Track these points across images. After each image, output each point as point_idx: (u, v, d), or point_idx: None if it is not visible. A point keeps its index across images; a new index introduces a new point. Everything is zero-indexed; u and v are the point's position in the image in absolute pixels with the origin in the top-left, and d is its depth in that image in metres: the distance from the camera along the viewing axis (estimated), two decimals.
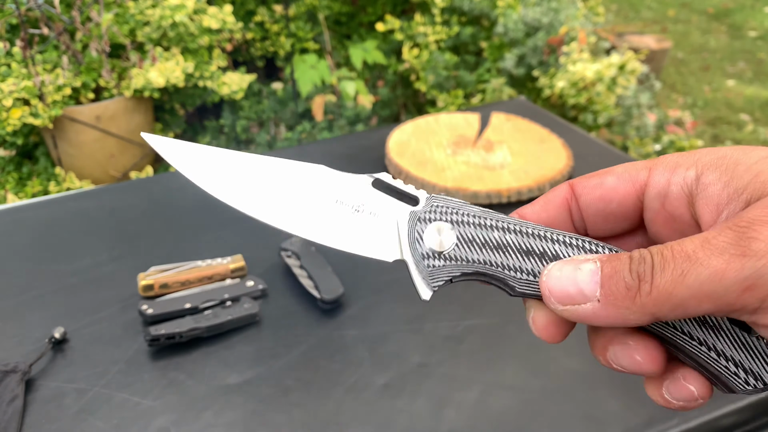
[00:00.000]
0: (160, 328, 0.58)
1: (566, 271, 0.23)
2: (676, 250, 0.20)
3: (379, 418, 0.53)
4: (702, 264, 0.19)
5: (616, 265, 0.21)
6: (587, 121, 1.97)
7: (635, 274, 0.21)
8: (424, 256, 0.25)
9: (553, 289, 0.23)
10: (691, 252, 0.20)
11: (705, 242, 0.20)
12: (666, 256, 0.20)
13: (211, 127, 2.30)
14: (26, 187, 1.90)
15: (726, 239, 0.19)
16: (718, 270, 0.19)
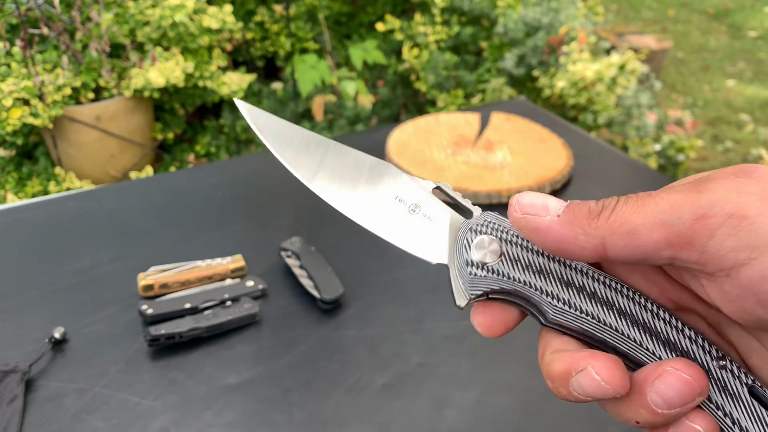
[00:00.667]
0: (160, 328, 0.58)
1: (545, 198, 0.24)
2: (641, 194, 0.22)
3: (379, 418, 0.53)
4: (662, 198, 0.21)
5: (587, 202, 0.23)
6: (587, 121, 1.97)
7: (601, 204, 0.22)
8: (469, 263, 0.26)
9: (522, 198, 0.24)
10: (654, 193, 0.21)
11: (668, 187, 0.22)
12: (631, 196, 0.22)
13: (211, 127, 2.30)
14: (26, 187, 1.90)
15: (687, 185, 0.21)
16: (675, 201, 0.20)
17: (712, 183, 0.20)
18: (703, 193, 0.20)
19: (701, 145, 2.34)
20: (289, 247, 0.68)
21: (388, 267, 0.70)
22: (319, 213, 0.81)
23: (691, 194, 0.20)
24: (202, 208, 0.81)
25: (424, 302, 0.66)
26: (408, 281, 0.68)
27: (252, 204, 0.82)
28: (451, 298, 0.27)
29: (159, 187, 0.86)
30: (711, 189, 0.20)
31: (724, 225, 0.20)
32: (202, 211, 0.80)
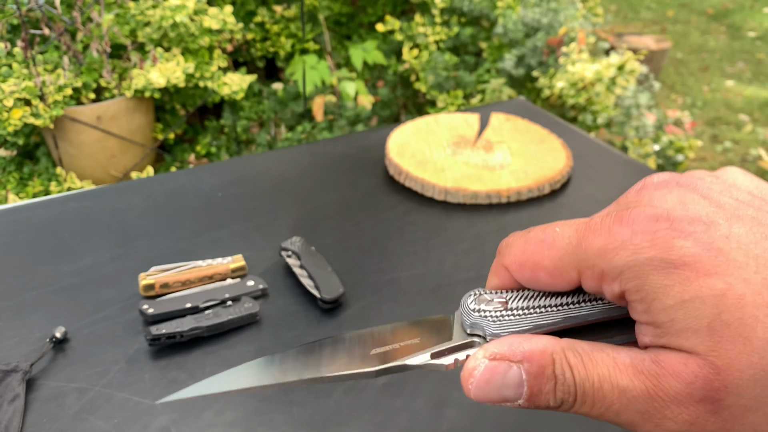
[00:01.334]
0: (160, 327, 0.58)
1: (495, 381, 0.23)
2: (596, 385, 0.22)
3: (378, 418, 0.53)
4: (620, 414, 0.22)
5: (542, 385, 0.23)
6: (586, 121, 1.98)
7: (559, 399, 0.23)
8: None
9: (479, 395, 0.24)
10: (610, 400, 0.22)
11: (628, 399, 0.22)
12: (587, 392, 0.22)
13: (212, 128, 2.30)
14: (27, 187, 1.91)
15: (646, 406, 0.21)
16: (632, 423, 0.22)
17: (671, 417, 0.21)
18: (660, 428, 0.22)
19: (700, 145, 2.35)
20: (289, 247, 0.69)
21: (388, 267, 0.71)
22: (319, 213, 0.81)
23: (648, 425, 0.22)
24: (202, 208, 0.81)
25: (424, 302, 0.66)
26: (408, 281, 0.69)
27: (252, 204, 0.82)
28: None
29: (160, 187, 0.87)
30: (667, 427, 0.21)
31: None
32: (203, 211, 0.80)
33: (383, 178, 0.88)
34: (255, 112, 2.31)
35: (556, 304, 0.25)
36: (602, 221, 0.22)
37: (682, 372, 0.20)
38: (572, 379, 0.22)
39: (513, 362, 0.23)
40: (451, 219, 0.80)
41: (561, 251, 0.23)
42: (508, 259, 0.25)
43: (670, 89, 3.13)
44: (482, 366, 0.24)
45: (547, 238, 0.24)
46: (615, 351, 0.22)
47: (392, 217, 0.80)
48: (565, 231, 0.23)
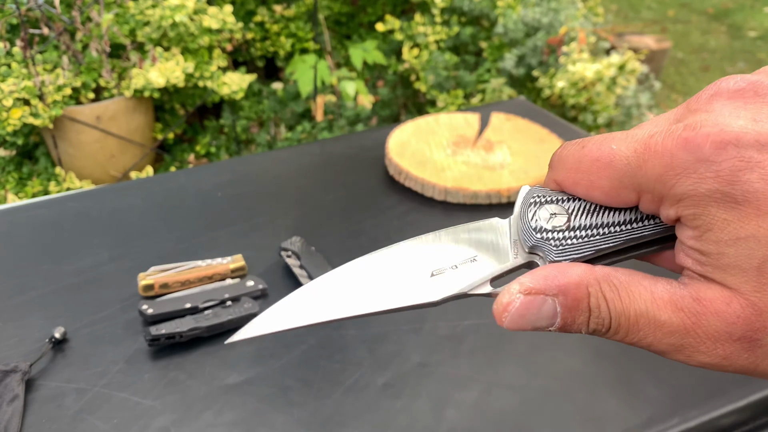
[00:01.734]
0: (160, 327, 0.58)
1: (530, 313, 0.23)
2: (632, 319, 0.21)
3: (378, 418, 0.53)
4: (651, 345, 0.22)
5: (576, 317, 0.22)
6: (587, 121, 1.97)
7: (591, 330, 0.22)
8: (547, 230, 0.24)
9: (513, 326, 0.23)
10: (644, 333, 0.22)
11: (658, 328, 0.21)
12: (622, 324, 0.22)
13: (211, 127, 2.30)
14: (26, 187, 1.91)
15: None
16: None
17: (714, 350, 0.21)
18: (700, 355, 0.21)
19: None
20: (289, 247, 0.68)
21: None
22: (319, 213, 0.81)
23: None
24: (202, 208, 0.81)
25: None
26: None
27: (252, 204, 0.82)
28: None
29: (159, 187, 0.87)
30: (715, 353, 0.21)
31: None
32: (202, 211, 0.80)
33: (383, 178, 0.88)
34: (255, 112, 2.31)
35: (618, 222, 0.23)
36: (664, 142, 0.21)
37: (724, 312, 0.20)
38: (607, 312, 0.22)
39: (548, 296, 0.22)
40: (451, 219, 0.80)
41: (619, 172, 0.22)
42: (561, 175, 0.24)
43: (670, 89, 3.13)
44: (517, 302, 0.23)
45: (603, 157, 0.22)
46: (653, 284, 0.22)
47: (392, 217, 0.80)
48: (623, 150, 0.22)
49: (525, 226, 0.25)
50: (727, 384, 0.56)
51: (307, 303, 0.26)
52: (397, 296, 0.25)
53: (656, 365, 0.58)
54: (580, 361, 0.59)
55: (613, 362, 0.59)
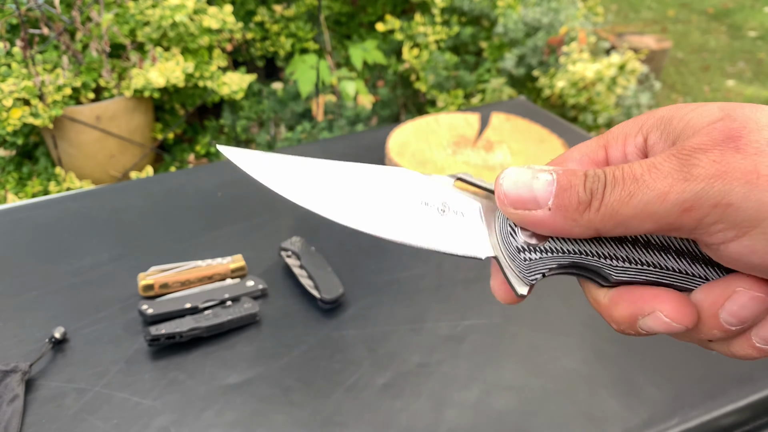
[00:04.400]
0: (160, 327, 0.58)
1: (523, 177, 0.23)
2: (627, 172, 0.22)
3: (378, 418, 0.53)
4: (648, 186, 0.21)
5: (572, 180, 0.23)
6: (587, 121, 1.97)
7: (588, 190, 0.22)
8: (520, 249, 0.25)
9: (509, 192, 0.23)
10: (639, 175, 0.22)
11: (652, 167, 0.21)
12: (617, 177, 0.22)
13: (211, 127, 2.30)
14: (26, 187, 1.90)
15: (671, 165, 0.21)
16: (661, 192, 0.21)
17: (698, 164, 0.21)
18: (689, 182, 0.21)
19: None
20: (289, 247, 0.68)
21: (388, 267, 0.71)
22: None
23: (677, 182, 0.21)
24: (202, 208, 0.81)
25: (424, 302, 0.66)
26: (408, 281, 0.68)
27: (252, 204, 0.82)
28: (510, 288, 0.25)
29: (159, 187, 0.87)
30: (696, 176, 0.21)
31: (709, 214, 0.21)
32: (202, 211, 0.80)
33: None
34: (255, 112, 2.31)
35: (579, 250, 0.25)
36: None
37: (704, 129, 0.21)
38: (602, 172, 0.23)
39: (549, 171, 0.24)
40: None
41: (592, 140, 0.26)
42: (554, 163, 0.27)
43: (670, 89, 3.13)
44: (517, 168, 0.24)
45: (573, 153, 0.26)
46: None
47: None
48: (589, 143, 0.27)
49: (510, 245, 0.25)
50: (727, 384, 0.56)
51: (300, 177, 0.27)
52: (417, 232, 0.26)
53: (656, 365, 0.58)
54: (580, 361, 0.59)
55: (613, 362, 0.59)
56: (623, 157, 0.25)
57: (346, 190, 0.27)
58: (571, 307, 0.65)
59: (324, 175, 0.27)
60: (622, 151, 0.25)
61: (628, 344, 0.61)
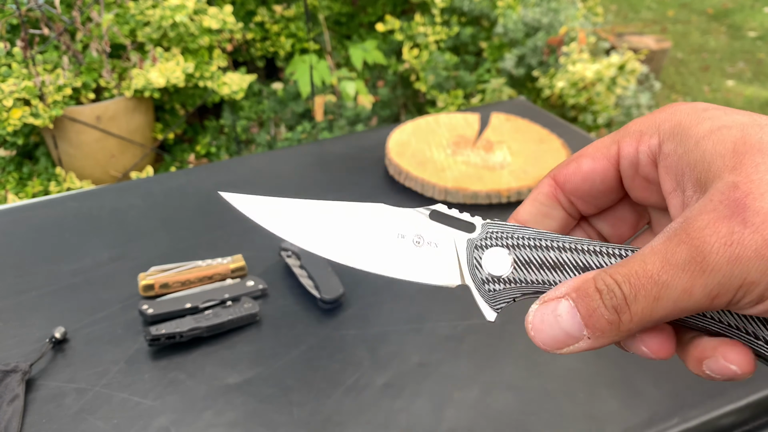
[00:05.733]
0: (160, 327, 0.58)
1: (548, 319, 0.24)
2: (641, 274, 0.22)
3: (379, 418, 0.53)
4: (669, 286, 0.21)
5: (590, 303, 0.23)
6: (587, 121, 1.97)
7: (611, 309, 0.22)
8: (485, 281, 0.26)
9: (546, 341, 0.25)
10: (656, 275, 0.21)
11: (666, 263, 0.21)
12: (634, 285, 0.22)
13: (211, 127, 2.30)
14: (27, 187, 1.91)
15: (684, 256, 0.21)
16: (685, 289, 0.21)
17: (711, 251, 0.21)
18: (708, 274, 0.21)
19: None
20: (289, 247, 0.68)
21: None
22: None
23: (697, 276, 0.21)
24: (202, 208, 0.81)
25: (424, 302, 0.66)
26: (408, 281, 0.68)
27: None
28: (480, 313, 0.27)
29: (159, 187, 0.87)
30: (713, 266, 0.21)
31: (736, 294, 0.21)
32: (203, 211, 0.80)
33: (383, 178, 0.88)
34: (255, 112, 2.31)
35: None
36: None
37: (707, 206, 0.21)
38: (615, 283, 0.23)
39: (560, 298, 0.24)
40: None
41: (606, 137, 0.26)
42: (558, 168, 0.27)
43: (670, 89, 3.13)
44: (532, 311, 0.25)
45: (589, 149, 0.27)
46: (641, 248, 0.23)
47: None
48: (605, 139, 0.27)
49: (476, 276, 0.27)
50: (727, 384, 0.56)
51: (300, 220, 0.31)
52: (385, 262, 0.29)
53: (656, 365, 0.58)
54: (580, 361, 0.59)
55: (613, 362, 0.59)
56: (635, 154, 0.26)
57: (328, 228, 0.30)
58: None
59: (309, 215, 0.31)
60: (635, 148, 0.25)
61: None
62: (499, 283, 0.26)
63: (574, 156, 0.27)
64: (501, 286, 0.26)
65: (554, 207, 0.28)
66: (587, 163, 0.27)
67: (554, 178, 0.28)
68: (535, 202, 0.28)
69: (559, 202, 0.28)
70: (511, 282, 0.26)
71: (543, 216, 0.28)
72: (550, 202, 0.28)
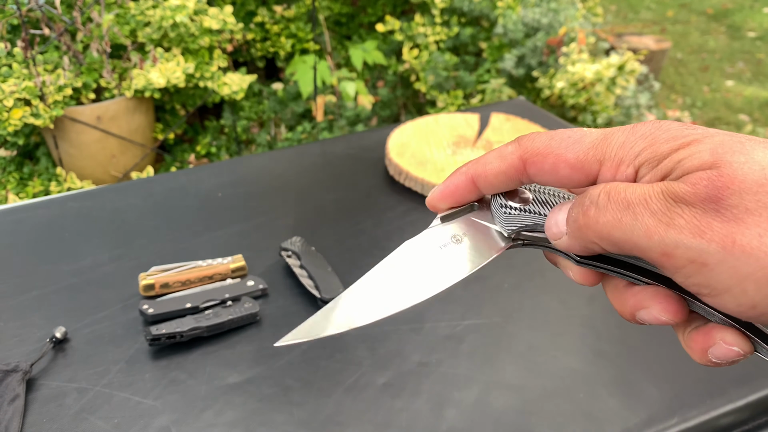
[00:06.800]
0: (160, 327, 0.58)
1: (557, 214, 0.27)
2: (621, 195, 0.23)
3: (378, 418, 0.53)
4: (636, 218, 0.22)
5: (575, 203, 0.25)
6: (586, 121, 1.98)
7: (584, 208, 0.24)
8: (503, 206, 0.29)
9: (551, 226, 0.27)
10: (631, 203, 0.23)
11: (643, 200, 0.23)
12: (611, 198, 0.23)
13: (212, 128, 2.30)
14: (27, 187, 1.91)
15: (659, 205, 0.22)
16: (647, 229, 0.22)
17: (681, 215, 0.21)
18: (670, 229, 0.22)
19: None
20: (289, 247, 0.69)
21: None
22: (319, 213, 0.81)
23: (661, 225, 0.22)
24: (202, 208, 0.81)
25: (424, 302, 0.66)
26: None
27: (252, 204, 0.82)
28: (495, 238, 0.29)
29: (160, 187, 0.87)
30: (677, 226, 0.21)
31: (686, 266, 0.22)
32: (203, 211, 0.80)
33: (383, 178, 0.88)
34: (255, 112, 2.31)
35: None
36: (626, 126, 0.26)
37: (693, 176, 0.22)
38: (599, 192, 0.24)
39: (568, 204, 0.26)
40: None
41: (586, 145, 0.26)
42: (529, 150, 0.27)
43: (670, 89, 3.13)
44: (557, 208, 0.27)
45: (574, 135, 0.26)
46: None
47: (392, 217, 0.80)
48: (592, 131, 0.26)
49: (498, 214, 0.29)
50: (727, 384, 0.56)
51: (353, 306, 0.31)
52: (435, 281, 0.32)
53: (656, 365, 0.58)
54: (580, 361, 0.59)
55: (613, 362, 0.59)
56: (612, 179, 0.26)
57: (387, 289, 0.32)
58: (571, 307, 0.66)
59: (362, 294, 0.32)
60: (612, 175, 0.26)
61: (628, 344, 0.61)
62: (516, 210, 0.28)
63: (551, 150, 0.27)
64: (516, 212, 0.28)
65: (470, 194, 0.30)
66: (565, 171, 0.27)
67: (524, 163, 0.28)
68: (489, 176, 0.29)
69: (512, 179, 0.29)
70: (531, 212, 0.28)
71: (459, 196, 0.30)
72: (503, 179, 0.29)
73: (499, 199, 0.29)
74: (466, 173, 0.29)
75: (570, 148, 0.26)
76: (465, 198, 0.30)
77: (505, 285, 0.68)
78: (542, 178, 0.27)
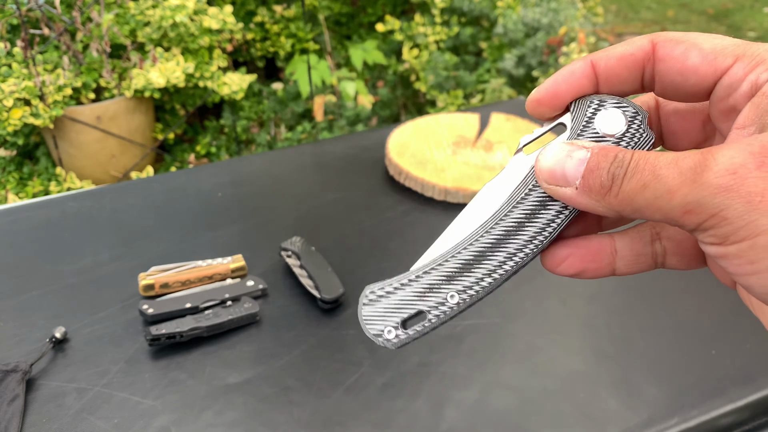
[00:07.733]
0: (160, 327, 0.58)
1: (559, 154, 0.24)
2: (650, 162, 0.22)
3: (378, 418, 0.53)
4: (661, 181, 0.22)
5: (601, 162, 0.23)
6: None
7: (610, 174, 0.23)
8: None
9: (543, 168, 0.25)
10: (658, 168, 0.22)
11: (674, 162, 0.22)
12: (639, 165, 0.22)
13: (212, 127, 2.30)
14: (27, 187, 1.91)
15: (691, 162, 0.21)
16: (670, 190, 0.21)
17: (712, 169, 0.21)
18: (696, 186, 0.21)
19: None
20: (289, 247, 0.69)
21: (388, 267, 0.71)
22: (319, 213, 0.81)
23: (686, 184, 0.21)
24: (202, 208, 0.81)
25: None
26: None
27: (252, 204, 0.82)
28: None
29: (159, 187, 0.87)
30: (704, 182, 0.21)
31: (707, 221, 0.21)
32: (203, 211, 0.80)
33: (383, 178, 0.88)
34: (255, 112, 2.31)
35: None
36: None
37: (749, 141, 0.21)
38: (629, 158, 0.23)
39: (584, 148, 0.24)
40: (451, 219, 0.80)
41: (727, 41, 0.24)
42: (662, 36, 0.25)
43: None
44: (553, 143, 0.25)
45: (713, 34, 0.25)
46: None
47: (392, 217, 0.80)
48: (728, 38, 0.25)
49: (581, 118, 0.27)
50: (727, 384, 0.56)
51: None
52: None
53: (656, 365, 0.58)
54: (580, 361, 0.59)
55: (613, 362, 0.59)
56: (741, 78, 0.24)
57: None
58: (571, 307, 0.66)
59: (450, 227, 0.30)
60: (745, 72, 0.23)
61: (628, 344, 0.61)
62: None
63: (688, 39, 0.25)
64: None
65: (635, 74, 0.26)
66: (695, 58, 0.25)
67: (655, 47, 0.25)
68: (625, 59, 0.26)
69: (643, 71, 0.26)
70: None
71: (620, 75, 0.26)
72: (636, 68, 0.26)
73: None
74: (585, 58, 0.27)
75: (708, 39, 0.25)
76: (574, 89, 0.26)
77: (505, 285, 0.68)
78: (668, 65, 0.25)
